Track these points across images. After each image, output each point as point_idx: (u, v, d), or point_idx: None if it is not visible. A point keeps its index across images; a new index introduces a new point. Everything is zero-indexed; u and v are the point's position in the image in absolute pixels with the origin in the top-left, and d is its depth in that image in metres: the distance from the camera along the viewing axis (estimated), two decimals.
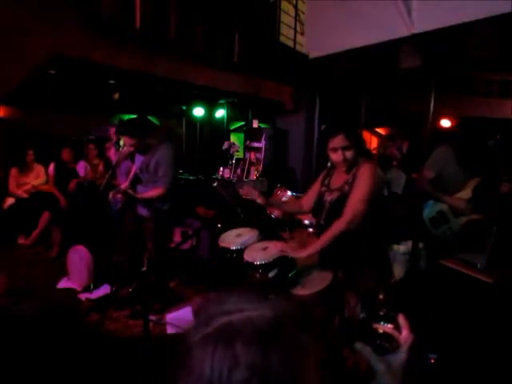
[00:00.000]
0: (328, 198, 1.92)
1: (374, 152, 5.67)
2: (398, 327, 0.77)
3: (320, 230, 1.91)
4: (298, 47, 5.06)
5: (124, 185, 3.09)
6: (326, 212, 1.91)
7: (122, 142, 3.16)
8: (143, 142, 2.90)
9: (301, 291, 1.66)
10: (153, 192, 2.89)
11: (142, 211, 3.01)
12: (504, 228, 2.66)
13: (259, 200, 2.04)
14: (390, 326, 0.78)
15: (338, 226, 1.75)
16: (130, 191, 2.90)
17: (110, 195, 2.91)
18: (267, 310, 0.53)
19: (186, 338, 0.52)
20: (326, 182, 2.01)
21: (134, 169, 3.09)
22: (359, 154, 1.85)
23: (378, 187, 1.82)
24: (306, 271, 1.81)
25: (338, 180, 1.93)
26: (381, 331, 0.78)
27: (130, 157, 3.23)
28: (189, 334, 0.53)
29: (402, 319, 0.78)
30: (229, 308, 0.53)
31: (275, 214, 3.18)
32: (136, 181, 3.05)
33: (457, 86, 5.23)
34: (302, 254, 1.79)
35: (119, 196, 2.86)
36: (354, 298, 1.72)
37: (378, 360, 0.71)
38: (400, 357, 0.73)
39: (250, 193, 2.06)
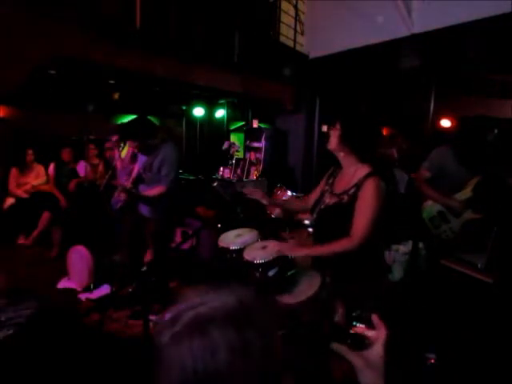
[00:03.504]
0: (326, 199, 1.87)
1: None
2: (371, 326, 0.79)
3: (315, 231, 1.88)
4: (298, 47, 5.06)
5: (126, 183, 3.08)
6: (318, 212, 1.88)
7: (122, 144, 3.17)
8: (146, 143, 2.90)
9: (288, 299, 1.62)
10: (154, 191, 2.90)
11: (144, 211, 3.01)
12: (504, 228, 2.66)
13: (264, 200, 2.02)
14: (361, 325, 0.80)
15: (344, 245, 1.68)
16: (133, 190, 2.91)
17: (116, 194, 2.91)
18: (228, 297, 0.57)
19: (156, 342, 0.54)
20: (330, 181, 1.95)
21: (137, 168, 3.09)
22: (355, 151, 1.77)
23: (383, 203, 1.71)
24: (294, 277, 1.77)
25: (340, 184, 1.86)
26: (351, 331, 0.80)
27: (132, 158, 3.23)
28: (157, 336, 0.55)
29: (375, 318, 0.79)
30: (192, 303, 0.56)
31: (275, 213, 3.18)
32: (138, 180, 3.05)
33: (457, 86, 5.23)
34: (299, 253, 1.77)
35: (123, 195, 2.86)
36: (341, 306, 1.69)
37: (356, 355, 0.73)
38: (376, 351, 0.74)
39: (253, 193, 2.03)
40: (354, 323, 0.81)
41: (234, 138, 6.13)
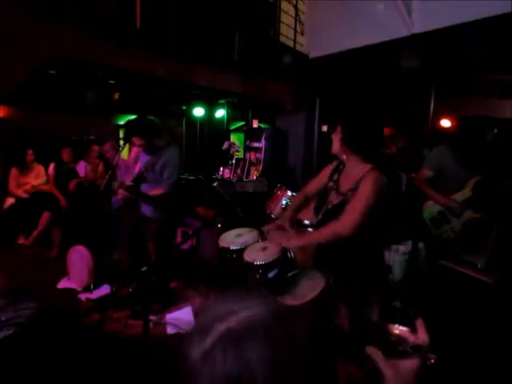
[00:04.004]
0: (332, 199, 1.84)
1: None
2: (414, 330, 0.74)
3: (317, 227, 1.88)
4: (298, 47, 5.06)
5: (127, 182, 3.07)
6: (324, 213, 1.86)
7: (121, 142, 3.16)
8: (152, 142, 2.91)
9: (291, 301, 1.60)
10: (154, 191, 2.91)
11: (146, 211, 3.01)
12: (504, 228, 2.66)
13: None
14: (405, 328, 0.75)
15: (334, 230, 1.68)
16: (131, 187, 2.90)
17: (115, 186, 2.89)
18: (258, 307, 0.54)
19: (186, 358, 0.51)
20: (335, 177, 1.91)
21: (139, 167, 3.09)
22: (358, 153, 1.76)
23: (382, 196, 1.70)
24: (295, 278, 1.77)
25: (346, 181, 1.84)
26: (395, 332, 0.74)
27: (135, 158, 3.23)
28: (188, 352, 0.52)
29: (419, 323, 0.74)
30: (221, 313, 0.53)
31: (275, 213, 3.18)
32: (140, 179, 3.05)
33: (457, 86, 5.23)
34: (296, 243, 1.78)
35: (121, 191, 2.85)
36: (344, 307, 1.69)
37: (387, 365, 0.68)
38: (411, 363, 0.69)
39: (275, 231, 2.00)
40: (397, 325, 0.75)
41: (234, 138, 6.14)
